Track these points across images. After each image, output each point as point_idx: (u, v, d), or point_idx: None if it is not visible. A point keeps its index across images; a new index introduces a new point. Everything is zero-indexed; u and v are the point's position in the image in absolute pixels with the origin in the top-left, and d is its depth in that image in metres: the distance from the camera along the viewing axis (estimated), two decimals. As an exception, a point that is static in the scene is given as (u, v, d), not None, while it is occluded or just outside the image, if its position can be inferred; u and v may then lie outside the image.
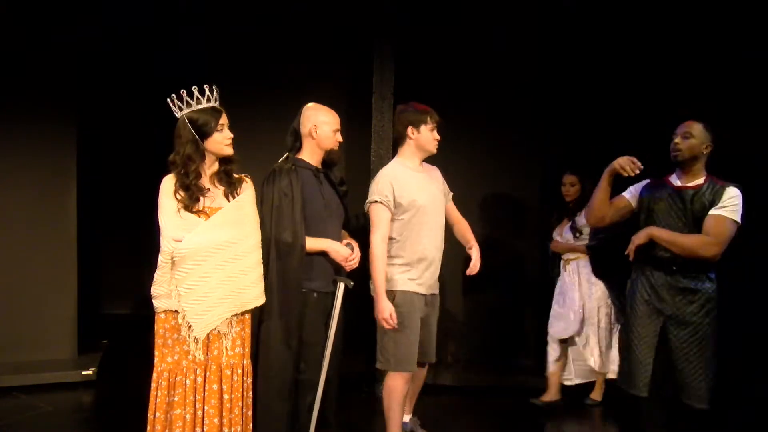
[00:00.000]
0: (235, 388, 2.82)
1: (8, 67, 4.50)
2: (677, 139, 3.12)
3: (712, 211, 3.04)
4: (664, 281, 3.13)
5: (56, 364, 4.61)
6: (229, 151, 2.85)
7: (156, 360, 2.79)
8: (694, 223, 3.09)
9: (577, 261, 4.35)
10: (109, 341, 5.20)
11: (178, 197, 2.77)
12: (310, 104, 3.23)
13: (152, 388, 2.79)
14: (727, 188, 3.07)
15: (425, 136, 3.32)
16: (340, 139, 3.22)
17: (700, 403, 3.07)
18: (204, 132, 2.79)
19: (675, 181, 3.20)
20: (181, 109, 2.82)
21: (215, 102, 2.85)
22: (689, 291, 3.09)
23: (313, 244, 3.07)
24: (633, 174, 3.06)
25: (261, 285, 2.89)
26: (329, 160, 3.22)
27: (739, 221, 3.03)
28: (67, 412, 4.12)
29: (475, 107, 4.99)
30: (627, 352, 3.26)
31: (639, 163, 3.04)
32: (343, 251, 3.14)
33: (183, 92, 2.79)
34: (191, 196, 2.77)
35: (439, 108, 4.25)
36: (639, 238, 3.14)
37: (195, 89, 2.80)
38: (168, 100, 2.81)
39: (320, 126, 3.13)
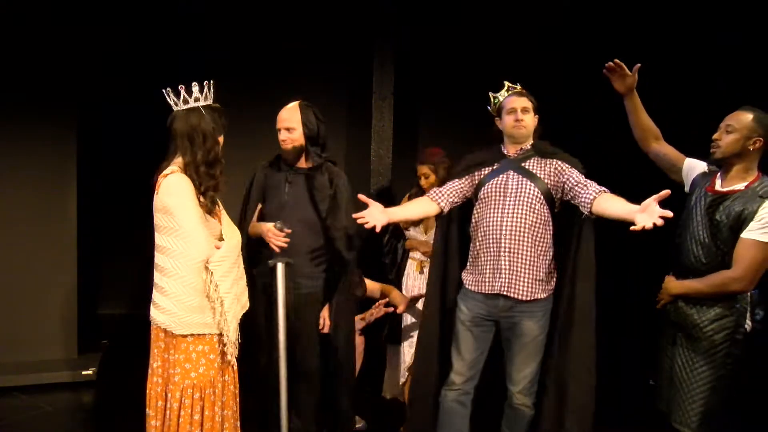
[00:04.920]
0: (228, 385, 2.75)
1: (8, 66, 4.49)
2: (717, 134, 2.71)
3: (743, 234, 2.58)
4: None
5: (56, 364, 4.61)
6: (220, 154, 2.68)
7: (177, 378, 2.56)
8: (714, 237, 2.66)
9: None
10: (109, 341, 5.19)
11: (201, 200, 2.57)
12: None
13: (174, 408, 2.56)
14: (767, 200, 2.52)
15: None
16: (282, 138, 3.11)
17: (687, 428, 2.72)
18: (219, 131, 2.64)
19: (717, 180, 2.74)
20: (197, 101, 2.57)
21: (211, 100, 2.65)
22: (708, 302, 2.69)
23: (252, 228, 3.16)
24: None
25: None
26: (288, 160, 3.16)
27: None
28: (67, 412, 4.12)
29: (474, 107, 4.97)
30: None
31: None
32: (265, 227, 3.06)
33: (195, 84, 2.56)
34: (212, 199, 2.61)
35: (438, 108, 4.28)
36: (664, 297, 2.86)
37: (207, 84, 2.61)
38: (181, 90, 2.57)
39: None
